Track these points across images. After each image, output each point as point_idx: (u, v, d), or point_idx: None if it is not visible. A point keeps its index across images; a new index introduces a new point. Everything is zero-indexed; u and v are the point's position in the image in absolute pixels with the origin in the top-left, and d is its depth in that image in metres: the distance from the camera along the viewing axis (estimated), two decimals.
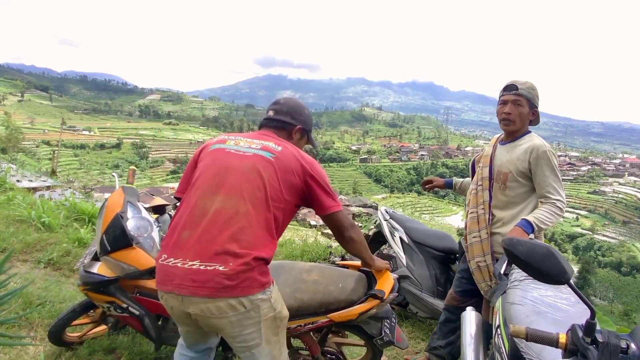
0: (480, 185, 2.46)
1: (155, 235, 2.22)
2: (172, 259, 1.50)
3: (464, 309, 2.59)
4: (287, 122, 1.84)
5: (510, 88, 2.31)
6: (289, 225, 2.43)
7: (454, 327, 2.64)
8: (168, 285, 1.49)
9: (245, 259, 1.45)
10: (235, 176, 1.57)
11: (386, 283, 1.96)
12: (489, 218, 2.39)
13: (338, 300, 1.91)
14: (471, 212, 2.49)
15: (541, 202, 2.26)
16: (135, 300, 2.16)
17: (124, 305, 2.12)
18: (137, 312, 2.13)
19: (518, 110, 2.29)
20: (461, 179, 3.01)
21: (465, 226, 2.54)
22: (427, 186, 3.06)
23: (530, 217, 2.15)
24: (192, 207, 1.56)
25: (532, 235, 2.18)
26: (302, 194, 1.67)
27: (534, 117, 2.35)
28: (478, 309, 2.53)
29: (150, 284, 2.12)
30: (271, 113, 1.87)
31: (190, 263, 1.46)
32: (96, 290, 2.14)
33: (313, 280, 1.98)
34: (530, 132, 2.39)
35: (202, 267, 1.44)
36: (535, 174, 2.25)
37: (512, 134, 2.38)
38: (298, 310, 1.88)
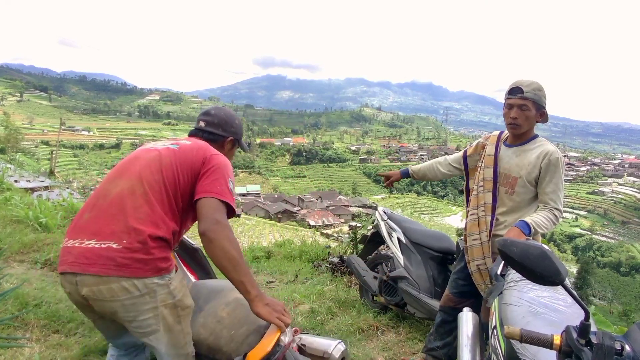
0: (482, 187, 2.40)
1: None
2: (71, 241, 1.49)
3: (459, 310, 2.59)
4: (219, 134, 1.87)
5: (515, 91, 2.22)
6: (287, 226, 2.47)
7: (450, 328, 2.63)
8: (63, 265, 1.47)
9: (139, 237, 1.43)
10: (139, 164, 1.60)
11: (259, 350, 1.53)
12: (491, 221, 2.34)
13: (221, 351, 1.65)
14: (471, 214, 2.43)
15: (540, 207, 2.24)
16: None
17: None
18: None
19: (525, 114, 2.21)
20: (418, 166, 2.97)
21: (465, 227, 2.49)
22: (387, 183, 3.04)
23: (528, 219, 2.11)
24: (97, 193, 1.59)
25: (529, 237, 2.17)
26: (196, 177, 1.62)
27: (541, 118, 2.27)
28: (475, 309, 2.54)
29: None
30: (202, 124, 1.87)
31: (87, 242, 1.45)
32: None
33: (220, 317, 1.73)
34: (537, 135, 2.33)
35: (97, 246, 1.43)
36: (543, 179, 2.21)
37: (520, 137, 2.32)
38: (195, 346, 1.67)
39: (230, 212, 1.57)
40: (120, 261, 1.41)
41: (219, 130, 1.87)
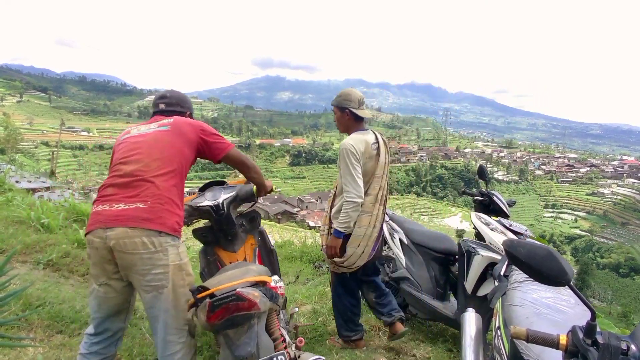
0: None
1: (214, 199, 2.42)
2: (100, 206, 1.84)
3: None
4: (179, 110, 2.25)
5: None
6: (287, 227, 2.79)
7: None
8: (94, 225, 1.81)
9: (158, 199, 1.82)
10: (144, 146, 1.97)
11: (212, 289, 1.79)
12: (331, 202, 2.91)
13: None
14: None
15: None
16: None
17: None
18: None
19: (335, 117, 2.88)
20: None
21: None
22: None
23: (335, 224, 2.70)
24: (112, 175, 1.93)
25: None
26: (198, 147, 2.07)
27: (350, 116, 2.79)
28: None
29: None
30: (163, 106, 2.24)
31: (116, 206, 1.80)
32: None
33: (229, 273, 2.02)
34: (359, 130, 2.82)
35: (125, 207, 1.79)
36: (339, 168, 2.75)
37: (348, 134, 2.86)
38: None
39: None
40: (146, 216, 1.77)
41: (178, 107, 2.26)
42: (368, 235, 2.72)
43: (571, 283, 1.06)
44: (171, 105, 2.24)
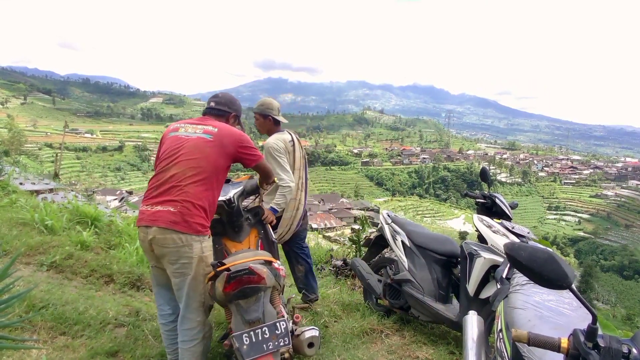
0: None
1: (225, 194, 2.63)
2: (145, 206, 2.19)
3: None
4: (226, 110, 2.54)
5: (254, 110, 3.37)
6: None
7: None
8: (141, 222, 2.19)
9: (186, 205, 2.13)
10: (184, 152, 2.24)
11: (228, 264, 2.15)
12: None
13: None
14: None
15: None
16: None
17: None
18: None
19: (257, 123, 3.37)
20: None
21: None
22: None
23: (272, 204, 3.06)
24: (157, 176, 2.25)
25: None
26: (234, 157, 2.35)
27: (272, 121, 3.32)
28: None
29: None
30: (213, 104, 2.54)
31: (155, 207, 2.15)
32: None
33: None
34: (278, 131, 3.33)
35: (160, 209, 2.13)
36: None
37: (269, 135, 3.33)
38: None
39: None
40: (174, 219, 2.10)
41: (225, 107, 2.54)
42: (293, 217, 3.31)
43: (572, 286, 1.06)
44: (220, 104, 2.53)
